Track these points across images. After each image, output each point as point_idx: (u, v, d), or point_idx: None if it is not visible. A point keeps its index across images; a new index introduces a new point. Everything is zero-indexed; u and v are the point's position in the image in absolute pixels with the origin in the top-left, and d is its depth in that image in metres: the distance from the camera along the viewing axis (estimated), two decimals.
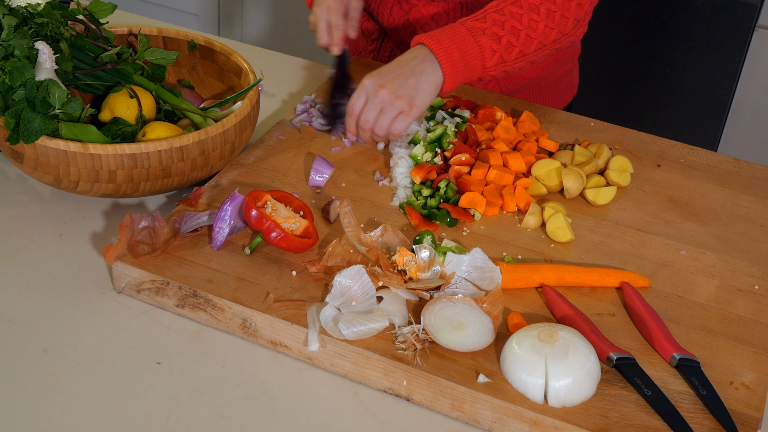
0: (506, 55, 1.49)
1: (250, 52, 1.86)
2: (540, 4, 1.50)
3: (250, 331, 1.18)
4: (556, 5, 1.51)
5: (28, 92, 1.30)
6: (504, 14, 1.49)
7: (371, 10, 1.80)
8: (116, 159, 1.28)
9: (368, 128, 1.45)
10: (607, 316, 1.22)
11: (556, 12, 1.51)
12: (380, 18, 1.78)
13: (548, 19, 1.50)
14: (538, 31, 1.50)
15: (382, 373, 1.12)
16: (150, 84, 1.46)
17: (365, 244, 1.24)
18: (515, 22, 1.48)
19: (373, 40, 1.84)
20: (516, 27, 1.48)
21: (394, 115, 1.43)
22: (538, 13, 1.50)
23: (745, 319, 1.24)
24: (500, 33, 1.48)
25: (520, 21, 1.49)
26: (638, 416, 1.07)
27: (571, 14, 1.53)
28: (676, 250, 1.36)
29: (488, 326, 1.14)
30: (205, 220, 1.28)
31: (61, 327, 1.18)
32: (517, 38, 1.48)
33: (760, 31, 2.60)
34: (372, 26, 1.83)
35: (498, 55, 1.48)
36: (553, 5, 1.51)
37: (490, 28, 1.47)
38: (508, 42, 1.48)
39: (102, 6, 1.48)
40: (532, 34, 1.50)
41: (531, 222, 1.37)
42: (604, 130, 1.64)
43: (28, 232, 1.33)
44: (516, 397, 1.07)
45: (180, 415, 1.08)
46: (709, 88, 2.69)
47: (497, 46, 1.48)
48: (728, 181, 1.53)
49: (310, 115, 1.58)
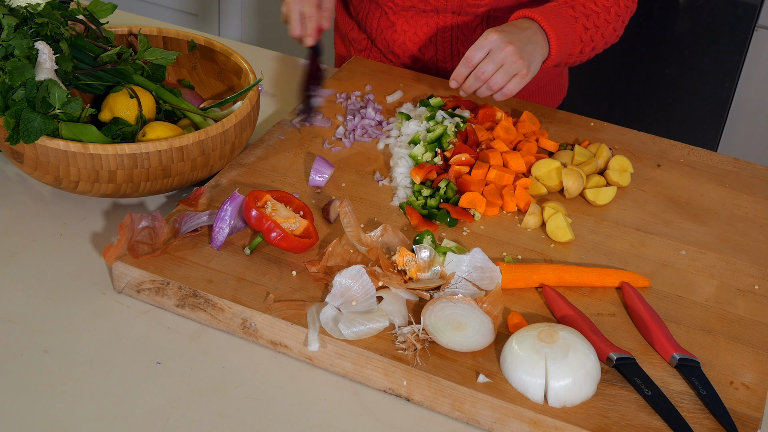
0: (585, 47, 1.53)
1: (250, 52, 1.86)
2: (610, 6, 1.54)
3: (250, 331, 1.18)
4: (621, 10, 1.56)
5: (28, 92, 1.30)
6: (586, 9, 1.52)
7: (358, 19, 1.80)
8: (116, 159, 1.28)
9: (484, 79, 1.44)
10: (607, 316, 1.22)
11: (620, 17, 1.56)
12: (368, 28, 1.78)
13: (615, 22, 1.56)
14: (608, 31, 1.54)
15: (382, 373, 1.12)
16: (150, 84, 1.46)
17: (365, 244, 1.24)
18: (595, 19, 1.52)
19: (361, 50, 1.84)
20: (596, 24, 1.52)
21: (513, 74, 1.44)
22: (609, 13, 1.54)
23: (745, 319, 1.24)
24: (586, 25, 1.51)
25: (598, 18, 1.52)
26: (638, 416, 1.07)
27: (627, 20, 1.59)
28: (676, 250, 1.36)
29: (488, 326, 1.14)
30: (205, 220, 1.28)
31: (61, 327, 1.18)
32: (595, 34, 1.52)
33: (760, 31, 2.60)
34: (359, 36, 1.83)
35: (581, 45, 1.52)
36: (618, 9, 1.55)
37: (580, 18, 1.50)
38: (590, 36, 1.52)
39: (102, 6, 1.48)
40: (604, 33, 1.54)
41: (531, 222, 1.37)
42: (604, 130, 1.64)
43: (28, 232, 1.33)
44: (516, 397, 1.07)
45: (180, 415, 1.08)
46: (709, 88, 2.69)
47: (584, 36, 1.51)
48: (728, 181, 1.53)
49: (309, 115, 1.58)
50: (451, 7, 1.66)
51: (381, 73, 1.74)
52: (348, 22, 1.85)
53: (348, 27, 1.85)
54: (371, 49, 1.82)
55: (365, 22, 1.77)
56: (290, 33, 1.59)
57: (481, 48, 1.44)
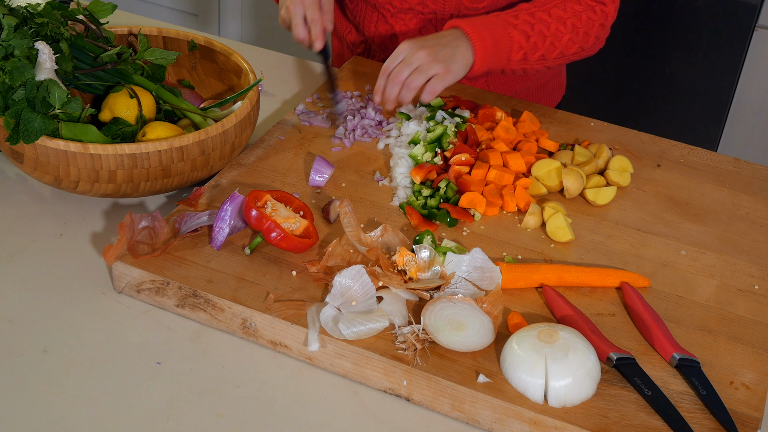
0: (530, 54, 1.53)
1: (250, 52, 1.86)
2: (567, 18, 1.54)
3: (250, 331, 1.18)
4: (582, 22, 1.55)
5: (28, 92, 1.30)
6: (534, 18, 1.52)
7: (356, 22, 1.80)
8: (116, 159, 1.28)
9: (400, 81, 1.44)
10: (607, 316, 1.22)
11: (581, 29, 1.56)
12: (365, 31, 1.78)
13: (573, 33, 1.55)
14: (562, 41, 1.54)
15: (382, 373, 1.12)
16: (150, 84, 1.46)
17: (365, 244, 1.24)
18: (543, 28, 1.52)
19: (359, 53, 1.84)
20: (543, 32, 1.52)
21: (431, 75, 1.44)
22: (564, 25, 1.54)
23: (745, 319, 1.24)
24: (529, 32, 1.51)
25: (548, 28, 1.53)
26: (638, 416, 1.07)
27: (593, 33, 1.58)
28: (676, 250, 1.36)
29: (488, 326, 1.14)
30: (205, 220, 1.28)
31: (61, 327, 1.18)
32: (543, 42, 1.52)
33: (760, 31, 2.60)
34: (357, 38, 1.83)
35: (523, 52, 1.52)
36: (578, 21, 1.55)
37: (521, 25, 1.51)
38: (534, 43, 1.52)
39: (102, 6, 1.48)
40: (556, 42, 1.54)
41: (531, 222, 1.37)
42: (604, 130, 1.64)
43: (28, 232, 1.33)
44: (516, 397, 1.07)
45: (180, 415, 1.08)
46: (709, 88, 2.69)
47: (525, 42, 1.51)
48: (728, 181, 1.53)
49: (309, 115, 1.58)
50: (449, 10, 1.66)
51: None
52: (345, 25, 1.85)
53: (345, 30, 1.85)
54: (369, 52, 1.82)
55: (363, 25, 1.77)
56: (295, 37, 1.59)
57: (395, 57, 1.46)
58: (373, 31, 1.76)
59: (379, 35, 1.76)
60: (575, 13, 1.55)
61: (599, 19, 1.57)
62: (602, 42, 1.62)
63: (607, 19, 1.59)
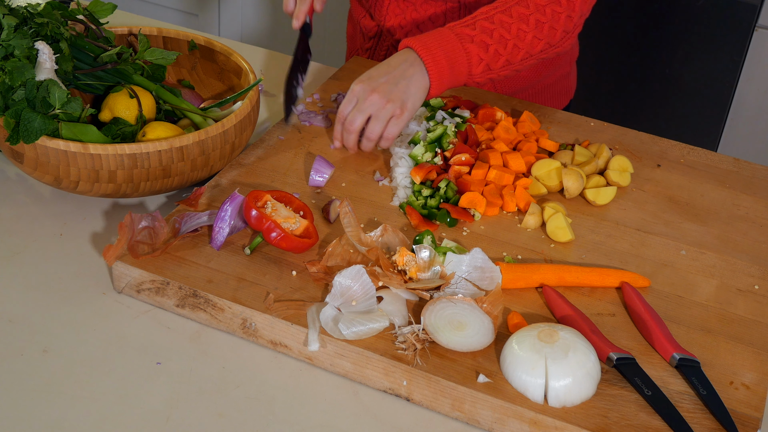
0: (492, 63, 1.49)
1: (250, 52, 1.86)
2: (530, 14, 1.50)
3: (250, 331, 1.18)
4: (546, 16, 1.51)
5: (28, 92, 1.30)
6: (493, 22, 1.48)
7: (368, 6, 1.80)
8: (116, 159, 1.28)
9: (354, 129, 1.44)
10: (607, 316, 1.22)
11: (546, 23, 1.51)
12: (378, 16, 1.78)
13: (537, 30, 1.50)
14: (525, 41, 1.50)
15: (382, 373, 1.12)
16: (150, 84, 1.46)
17: (365, 244, 1.24)
18: (504, 31, 1.48)
19: (370, 38, 1.84)
20: (504, 36, 1.48)
21: (387, 118, 1.43)
22: (527, 23, 1.49)
23: (745, 319, 1.24)
24: (488, 41, 1.47)
25: (508, 30, 1.48)
26: (638, 416, 1.07)
27: (560, 26, 1.53)
28: (676, 250, 1.36)
29: (488, 326, 1.14)
30: (205, 220, 1.28)
31: (61, 327, 1.18)
32: (504, 47, 1.48)
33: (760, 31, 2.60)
34: (369, 24, 1.83)
35: (485, 63, 1.48)
36: (542, 16, 1.50)
37: (478, 35, 1.47)
38: (495, 51, 1.48)
39: (102, 6, 1.48)
40: (519, 44, 1.50)
41: (531, 222, 1.37)
42: (604, 130, 1.64)
43: (28, 232, 1.33)
44: (516, 397, 1.07)
45: (180, 415, 1.08)
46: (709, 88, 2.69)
47: (484, 54, 1.48)
48: (728, 181, 1.53)
49: (309, 115, 1.58)
50: None
51: None
52: (360, 10, 1.85)
53: (360, 15, 1.85)
54: (380, 38, 1.82)
55: (375, 10, 1.78)
56: (284, 8, 1.60)
57: (348, 102, 1.45)
58: (385, 17, 1.76)
59: (391, 22, 1.76)
60: (538, 7, 1.50)
61: (565, 11, 1.52)
62: (573, 37, 1.56)
63: (574, 10, 1.53)
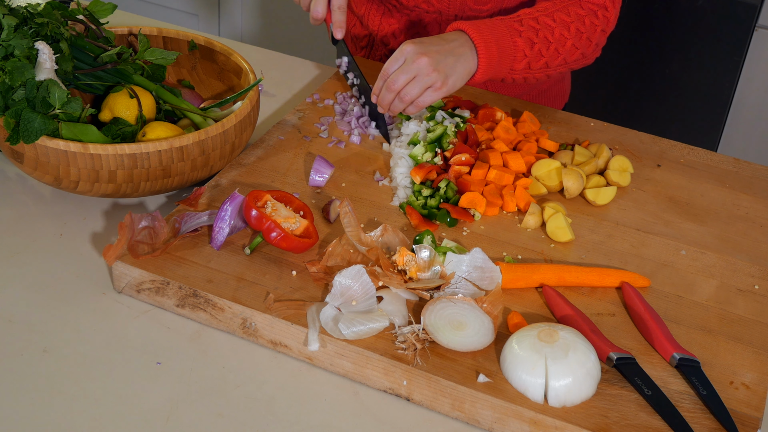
0: (534, 62, 1.50)
1: (250, 52, 1.86)
2: (571, 22, 1.51)
3: (250, 331, 1.18)
4: (585, 26, 1.53)
5: (28, 92, 1.30)
6: (539, 23, 1.49)
7: (360, 15, 1.80)
8: (116, 159, 1.28)
9: (395, 89, 1.42)
10: (607, 316, 1.22)
11: (584, 33, 1.53)
12: (371, 25, 1.78)
13: (576, 39, 1.52)
14: (565, 47, 1.52)
15: (382, 373, 1.12)
16: (150, 84, 1.46)
17: (365, 244, 1.24)
18: (548, 34, 1.49)
19: (362, 47, 1.84)
20: (548, 38, 1.49)
21: (427, 86, 1.42)
22: (568, 30, 1.51)
23: (745, 319, 1.24)
24: (534, 39, 1.48)
25: (552, 33, 1.50)
26: (638, 416, 1.07)
27: (595, 38, 1.56)
28: (676, 250, 1.36)
29: (488, 326, 1.14)
30: (205, 220, 1.28)
31: (61, 327, 1.18)
32: (546, 49, 1.50)
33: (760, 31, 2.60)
34: (361, 32, 1.82)
35: (527, 60, 1.49)
36: (582, 26, 1.52)
37: (525, 32, 1.48)
38: (538, 50, 1.49)
39: (102, 6, 1.48)
40: (560, 48, 1.51)
41: (531, 222, 1.37)
42: (604, 130, 1.64)
43: (28, 232, 1.33)
44: (516, 397, 1.07)
45: (180, 415, 1.08)
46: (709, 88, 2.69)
47: (529, 51, 1.48)
48: (728, 181, 1.53)
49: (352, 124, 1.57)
50: (454, 10, 1.66)
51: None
52: (351, 17, 1.85)
53: (351, 23, 1.85)
54: (372, 47, 1.82)
55: (367, 18, 1.77)
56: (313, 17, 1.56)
57: (395, 60, 1.43)
58: (378, 26, 1.76)
59: (384, 30, 1.76)
60: (579, 17, 1.52)
61: (601, 24, 1.55)
62: (599, 51, 1.60)
63: (608, 24, 1.57)
